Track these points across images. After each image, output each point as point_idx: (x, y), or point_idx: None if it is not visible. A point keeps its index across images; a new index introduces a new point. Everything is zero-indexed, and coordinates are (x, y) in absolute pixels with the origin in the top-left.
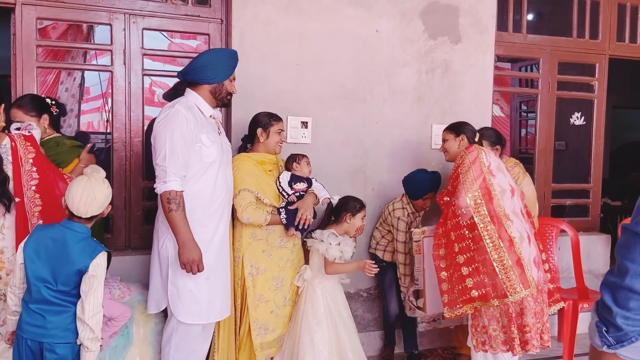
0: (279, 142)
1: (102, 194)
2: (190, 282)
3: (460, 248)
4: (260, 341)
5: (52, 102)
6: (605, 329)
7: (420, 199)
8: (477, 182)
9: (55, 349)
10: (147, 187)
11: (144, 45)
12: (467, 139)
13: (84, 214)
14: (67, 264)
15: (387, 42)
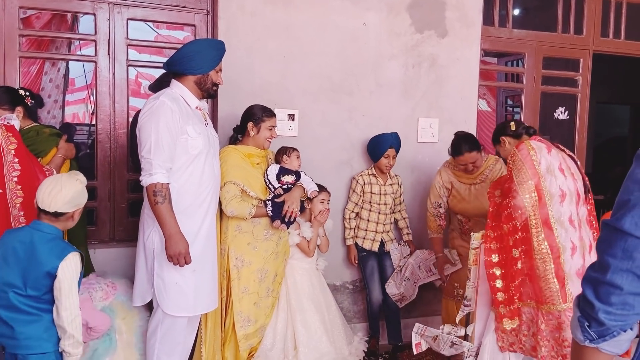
0: (268, 138)
1: (70, 190)
2: (177, 274)
3: (519, 252)
4: (244, 333)
5: (26, 94)
6: (588, 324)
7: (383, 157)
8: (533, 182)
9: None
10: (131, 179)
11: (129, 35)
12: (510, 137)
13: (48, 206)
14: (35, 266)
15: (374, 35)
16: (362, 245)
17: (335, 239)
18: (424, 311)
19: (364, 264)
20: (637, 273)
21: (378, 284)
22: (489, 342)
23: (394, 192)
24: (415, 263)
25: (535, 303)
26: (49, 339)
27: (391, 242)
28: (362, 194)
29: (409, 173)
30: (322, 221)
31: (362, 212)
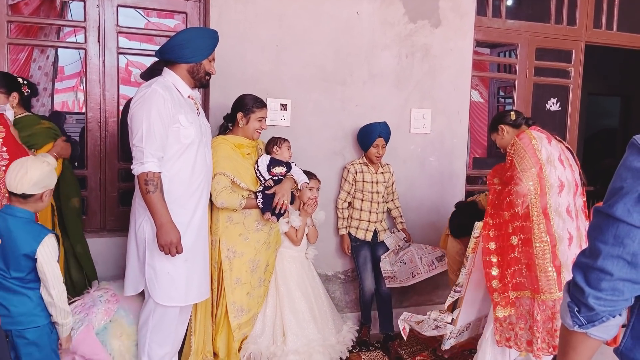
0: (258, 130)
1: (36, 172)
2: (168, 264)
3: (517, 240)
4: (238, 322)
5: (24, 82)
6: (577, 309)
7: (372, 147)
8: (535, 170)
9: (25, 334)
10: (122, 168)
11: (119, 22)
12: (509, 126)
13: (14, 188)
14: (13, 249)
15: (368, 24)
16: (355, 235)
17: (328, 229)
18: (416, 301)
19: (356, 254)
20: (628, 259)
21: (370, 274)
22: (490, 334)
23: (386, 181)
24: (417, 253)
25: (531, 292)
26: (40, 313)
27: (384, 231)
28: (354, 182)
29: (401, 163)
30: (309, 212)
31: (355, 202)
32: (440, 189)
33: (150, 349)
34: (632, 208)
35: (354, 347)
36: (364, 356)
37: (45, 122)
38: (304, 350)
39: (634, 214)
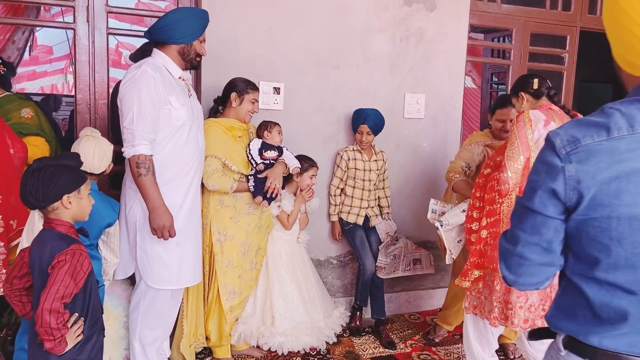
0: (250, 112)
1: (110, 150)
2: (160, 247)
3: (487, 223)
4: (230, 305)
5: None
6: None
7: (357, 132)
8: (524, 157)
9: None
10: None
11: (109, 2)
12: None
13: (97, 169)
14: (99, 221)
15: (362, 7)
16: (346, 220)
17: (320, 215)
18: (408, 286)
19: (352, 235)
20: (544, 246)
21: (370, 253)
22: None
23: (379, 169)
24: (403, 251)
25: (491, 271)
26: (99, 274)
27: (376, 217)
28: (346, 169)
29: (394, 148)
30: (306, 198)
31: (347, 189)
32: (434, 174)
33: (142, 333)
34: (546, 201)
35: (344, 332)
36: (355, 340)
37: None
38: (291, 332)
39: (549, 206)
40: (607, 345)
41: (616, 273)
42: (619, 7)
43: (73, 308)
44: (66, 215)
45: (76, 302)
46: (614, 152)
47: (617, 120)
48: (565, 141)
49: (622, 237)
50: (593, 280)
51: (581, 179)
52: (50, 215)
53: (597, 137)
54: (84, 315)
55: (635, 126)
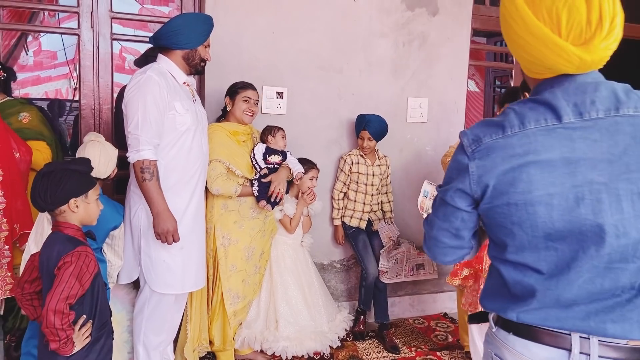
0: (245, 111)
1: (115, 155)
2: (164, 252)
3: None
4: (234, 309)
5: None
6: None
7: (359, 138)
8: None
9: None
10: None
11: (113, 8)
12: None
13: (103, 174)
14: (105, 225)
15: (365, 12)
16: (349, 224)
17: (323, 218)
18: (411, 290)
19: (354, 240)
20: (453, 232)
21: (373, 257)
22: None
23: (382, 174)
24: (405, 255)
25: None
26: (105, 277)
27: (379, 221)
28: (349, 173)
29: (397, 152)
30: (308, 201)
31: (349, 193)
32: (437, 178)
33: (146, 337)
34: (454, 195)
35: (348, 336)
36: (359, 345)
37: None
38: (295, 337)
39: (456, 199)
40: (524, 320)
41: (523, 254)
42: (508, 23)
43: (80, 310)
44: (74, 219)
45: (84, 304)
46: (508, 147)
47: (510, 119)
48: (470, 140)
49: (522, 221)
50: (506, 261)
51: (482, 173)
52: (58, 218)
53: (495, 135)
54: (91, 317)
55: (525, 123)
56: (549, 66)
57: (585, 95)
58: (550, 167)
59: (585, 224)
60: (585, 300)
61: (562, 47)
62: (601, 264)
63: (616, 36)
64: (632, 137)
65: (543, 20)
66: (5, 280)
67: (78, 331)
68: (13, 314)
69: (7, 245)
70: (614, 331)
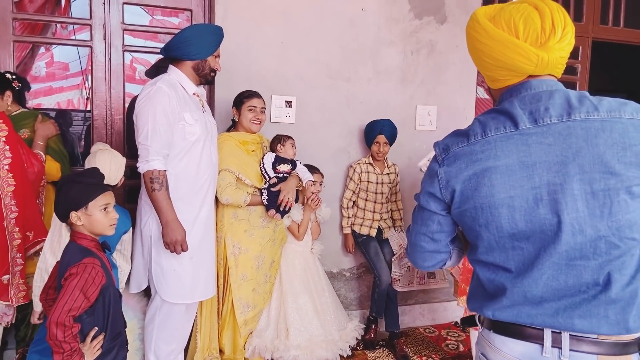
0: (252, 120)
1: (123, 162)
2: (175, 262)
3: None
4: (244, 318)
5: (12, 77)
6: None
7: (373, 144)
8: None
9: None
10: (128, 165)
11: (125, 20)
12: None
13: (114, 181)
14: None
15: (373, 21)
16: (359, 232)
17: (333, 227)
18: (422, 298)
19: (366, 247)
20: (430, 236)
21: (385, 264)
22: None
23: (391, 182)
24: None
25: None
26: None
27: (388, 229)
28: (359, 182)
29: (406, 160)
30: (313, 207)
31: (359, 201)
32: None
33: (157, 346)
34: (428, 199)
35: (358, 345)
36: (369, 354)
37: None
38: (306, 345)
39: (431, 203)
40: (499, 317)
41: (493, 254)
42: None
43: (92, 321)
44: (82, 230)
45: (95, 315)
46: (471, 154)
47: (474, 128)
48: (441, 149)
49: (488, 223)
50: (479, 262)
51: (449, 178)
52: (73, 228)
53: (461, 143)
54: (103, 329)
55: (487, 131)
56: (511, 65)
57: (540, 103)
58: (509, 171)
59: (545, 223)
60: (553, 297)
61: (521, 45)
62: (561, 260)
63: (569, 41)
64: (584, 140)
65: (502, 30)
66: (18, 287)
67: (90, 343)
68: (25, 324)
69: (19, 253)
70: (581, 326)
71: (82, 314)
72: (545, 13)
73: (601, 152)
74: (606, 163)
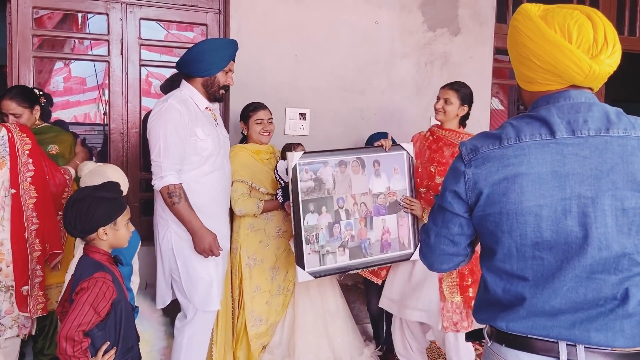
0: (261, 132)
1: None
2: (202, 270)
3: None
4: (256, 332)
5: (40, 93)
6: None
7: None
8: None
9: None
10: (144, 178)
11: (141, 35)
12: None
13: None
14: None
15: (386, 33)
16: None
17: None
18: None
19: None
20: (451, 239)
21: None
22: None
23: None
24: None
25: None
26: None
27: None
28: None
29: None
30: None
31: None
32: None
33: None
34: (452, 200)
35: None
36: None
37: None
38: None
39: (454, 204)
40: (513, 329)
41: (511, 262)
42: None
43: (103, 335)
44: (103, 245)
45: (106, 329)
46: (503, 158)
47: (507, 132)
48: (468, 149)
49: (512, 230)
50: (495, 270)
51: (477, 180)
52: (89, 243)
53: (492, 146)
54: (115, 343)
55: (521, 136)
56: (560, 71)
57: (579, 115)
58: (541, 180)
59: (571, 235)
60: (570, 310)
61: (576, 53)
62: (583, 274)
63: (617, 58)
64: (620, 157)
65: (555, 32)
66: (37, 299)
67: (101, 358)
68: (42, 335)
69: (39, 265)
70: (597, 340)
71: (93, 328)
72: (598, 25)
73: (635, 170)
74: (639, 182)
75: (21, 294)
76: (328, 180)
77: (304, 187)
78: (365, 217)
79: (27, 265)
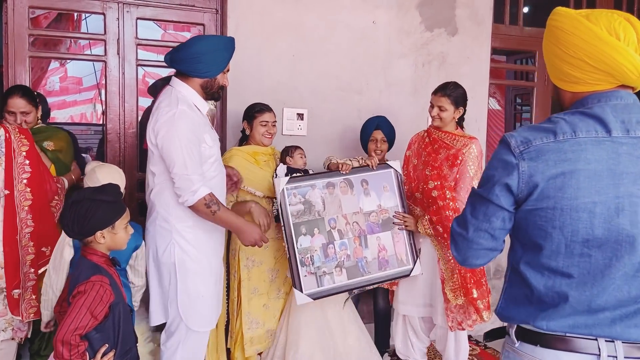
0: (264, 134)
1: (124, 176)
2: (202, 287)
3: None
4: (251, 335)
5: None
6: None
7: (369, 142)
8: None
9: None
10: (141, 178)
11: (138, 35)
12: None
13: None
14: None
15: (384, 33)
16: None
17: None
18: None
19: None
20: (492, 233)
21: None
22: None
23: None
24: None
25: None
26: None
27: None
28: None
29: None
30: None
31: None
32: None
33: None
34: (499, 193)
35: None
36: None
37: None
38: None
39: (501, 197)
40: (553, 328)
41: (557, 258)
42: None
43: (101, 337)
44: (101, 247)
45: (105, 332)
46: (560, 152)
47: (562, 126)
48: (519, 142)
49: (564, 226)
50: (537, 266)
51: (533, 173)
52: (86, 245)
53: (545, 139)
54: (114, 345)
55: (577, 132)
56: (615, 69)
57: (632, 115)
58: (597, 177)
59: (622, 233)
60: (612, 307)
61: (630, 52)
62: (631, 272)
63: None
64: None
65: (607, 34)
66: (29, 303)
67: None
68: (39, 337)
69: (32, 269)
70: (637, 335)
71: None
72: (638, 27)
73: None
74: None
75: (12, 297)
76: (317, 202)
77: (293, 211)
78: (359, 236)
79: (19, 268)
